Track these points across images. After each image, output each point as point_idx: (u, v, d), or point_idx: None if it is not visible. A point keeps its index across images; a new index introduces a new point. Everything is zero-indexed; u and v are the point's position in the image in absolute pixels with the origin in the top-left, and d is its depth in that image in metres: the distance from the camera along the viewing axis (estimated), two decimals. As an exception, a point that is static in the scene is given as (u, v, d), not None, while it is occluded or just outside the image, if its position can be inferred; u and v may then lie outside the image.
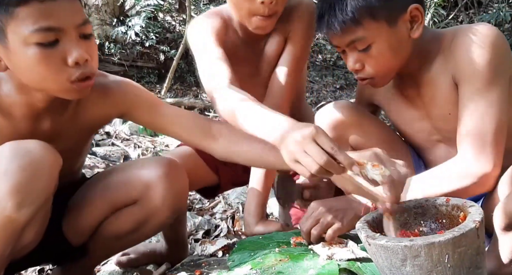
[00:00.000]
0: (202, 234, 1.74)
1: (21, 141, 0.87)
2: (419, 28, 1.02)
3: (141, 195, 1.05)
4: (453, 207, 0.83)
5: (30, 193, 0.84)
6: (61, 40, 0.86)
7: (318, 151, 0.77)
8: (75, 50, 0.87)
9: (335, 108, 1.18)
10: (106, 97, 1.04)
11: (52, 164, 0.87)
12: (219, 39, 1.17)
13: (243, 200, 2.05)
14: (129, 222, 1.08)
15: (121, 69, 4.66)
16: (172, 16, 5.28)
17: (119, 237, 1.10)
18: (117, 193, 1.07)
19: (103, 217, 1.09)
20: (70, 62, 0.87)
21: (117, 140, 3.51)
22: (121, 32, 4.42)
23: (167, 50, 4.70)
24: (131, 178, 1.06)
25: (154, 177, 1.04)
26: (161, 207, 1.05)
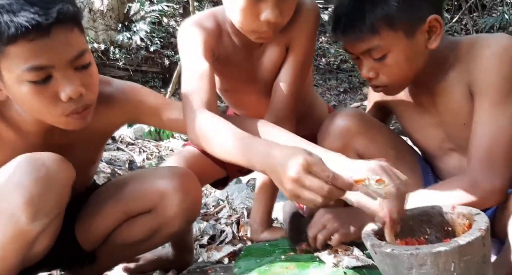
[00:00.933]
0: (207, 239, 1.74)
1: (36, 154, 0.88)
2: (437, 39, 1.00)
3: (155, 204, 1.05)
4: (459, 215, 0.83)
5: (44, 206, 0.85)
6: (54, 76, 0.85)
7: (318, 184, 0.76)
8: (68, 87, 0.85)
9: (342, 116, 1.17)
10: (112, 106, 1.04)
11: (66, 177, 0.88)
12: (210, 46, 1.10)
13: (248, 205, 2.06)
14: (142, 230, 1.08)
15: (126, 74, 4.69)
16: (176, 20, 5.31)
17: (130, 245, 1.11)
18: (132, 201, 1.07)
19: (117, 224, 1.10)
20: (63, 98, 0.86)
21: (122, 145, 3.52)
22: (126, 37, 4.45)
23: (171, 54, 4.72)
24: (146, 187, 1.07)
25: (169, 187, 1.04)
26: (175, 217, 1.05)
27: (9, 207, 0.84)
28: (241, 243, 1.66)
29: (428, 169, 1.21)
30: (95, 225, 1.10)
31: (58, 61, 0.84)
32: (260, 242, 1.20)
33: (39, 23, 0.79)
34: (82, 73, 0.88)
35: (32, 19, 0.79)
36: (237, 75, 1.21)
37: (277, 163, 0.80)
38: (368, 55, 1.01)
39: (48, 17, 0.80)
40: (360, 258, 0.92)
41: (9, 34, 0.79)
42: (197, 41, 1.08)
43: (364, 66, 1.04)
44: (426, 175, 1.18)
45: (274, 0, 0.98)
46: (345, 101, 6.05)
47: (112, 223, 1.09)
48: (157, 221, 1.06)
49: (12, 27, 0.79)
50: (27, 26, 0.79)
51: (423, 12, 0.99)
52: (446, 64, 1.06)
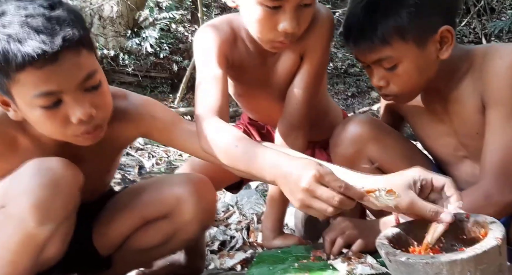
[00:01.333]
0: (218, 245, 1.75)
1: (43, 159, 0.90)
2: (448, 50, 1.00)
3: (171, 210, 1.07)
4: (474, 223, 0.82)
5: (51, 210, 0.86)
6: (64, 100, 0.87)
7: (329, 194, 0.77)
8: (78, 110, 0.87)
9: (354, 123, 1.17)
10: (126, 121, 1.06)
11: (72, 182, 0.90)
12: (224, 52, 1.11)
13: (257, 211, 2.06)
14: (158, 236, 1.10)
15: (135, 79, 4.72)
16: (184, 26, 5.34)
17: (146, 250, 1.12)
18: (148, 207, 1.09)
19: (133, 230, 1.11)
20: (73, 121, 0.88)
21: (131, 150, 3.54)
22: (135, 44, 4.49)
23: (180, 60, 4.75)
24: (163, 193, 1.08)
25: (185, 193, 1.06)
26: (190, 223, 1.07)
27: (17, 211, 0.86)
28: (251, 249, 1.67)
29: None
30: (112, 229, 1.11)
31: (67, 85, 0.86)
32: (272, 249, 1.20)
33: (45, 51, 0.81)
34: (93, 94, 0.90)
35: (39, 48, 0.80)
36: (251, 81, 1.22)
37: (288, 173, 0.81)
38: (379, 64, 1.02)
39: (54, 46, 0.81)
40: (374, 266, 0.92)
41: (17, 63, 0.81)
42: (212, 46, 1.09)
43: (375, 75, 1.04)
44: None
45: (292, 11, 0.99)
46: (353, 106, 6.03)
47: (129, 228, 1.11)
48: (173, 226, 1.08)
49: (19, 56, 0.80)
50: (33, 55, 0.80)
51: (434, 23, 0.99)
52: (459, 73, 1.05)
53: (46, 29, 0.82)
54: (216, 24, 1.15)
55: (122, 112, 1.05)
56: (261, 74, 1.21)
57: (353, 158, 1.15)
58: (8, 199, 0.88)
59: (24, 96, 0.85)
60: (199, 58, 1.11)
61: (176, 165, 3.62)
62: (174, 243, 1.12)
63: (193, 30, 5.25)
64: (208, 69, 1.07)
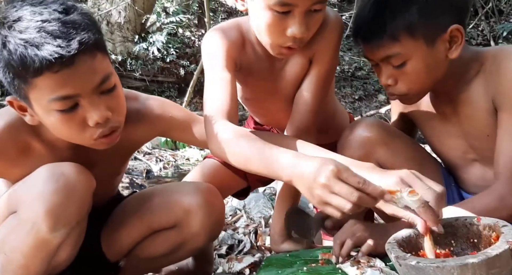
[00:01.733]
0: (226, 249, 1.74)
1: (57, 164, 0.90)
2: (458, 49, 1.00)
3: (180, 220, 1.06)
4: (485, 226, 0.81)
5: (64, 215, 0.87)
6: (80, 103, 0.87)
7: (348, 190, 0.75)
8: (94, 113, 0.87)
9: (363, 126, 1.16)
10: (141, 122, 1.07)
11: (86, 187, 0.90)
12: (232, 56, 1.10)
13: (265, 214, 2.05)
14: (165, 245, 1.10)
15: (142, 84, 4.76)
16: (191, 31, 5.37)
17: (153, 259, 1.12)
18: (156, 216, 1.09)
19: (141, 237, 1.11)
20: (90, 124, 0.89)
21: (139, 154, 3.57)
22: (143, 49, 4.52)
23: (187, 64, 4.78)
24: (171, 202, 1.08)
25: (193, 204, 1.05)
26: (199, 233, 1.07)
27: (31, 216, 0.86)
28: (259, 253, 1.66)
29: (451, 180, 1.20)
30: (120, 236, 1.12)
31: (84, 89, 0.86)
32: (280, 252, 1.20)
33: (62, 55, 0.81)
34: (108, 97, 0.90)
35: (55, 52, 0.81)
36: (259, 84, 1.22)
37: (306, 171, 0.80)
38: (388, 62, 1.01)
39: (70, 50, 0.82)
40: (383, 270, 0.91)
41: (34, 67, 0.81)
42: (220, 50, 1.08)
43: (383, 73, 1.03)
44: (449, 187, 1.17)
45: (302, 16, 0.98)
46: (360, 109, 6.02)
47: (137, 236, 1.11)
48: (181, 237, 1.08)
49: (37, 61, 0.81)
50: (50, 59, 0.81)
51: (444, 21, 0.98)
52: (469, 75, 1.05)
53: (62, 33, 0.83)
54: (224, 27, 1.15)
55: (136, 113, 1.06)
56: (269, 78, 1.20)
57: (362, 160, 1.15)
58: (21, 204, 0.88)
59: (41, 101, 0.86)
60: (207, 61, 1.10)
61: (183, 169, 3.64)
62: (182, 252, 1.11)
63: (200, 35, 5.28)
64: (216, 73, 1.06)
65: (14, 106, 0.91)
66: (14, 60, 0.82)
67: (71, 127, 0.89)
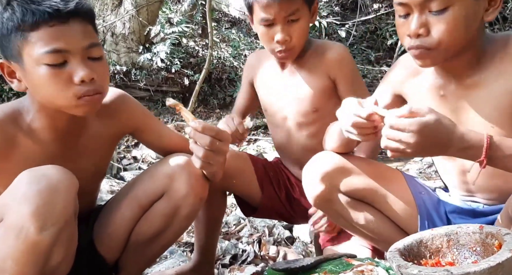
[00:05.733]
0: (229, 259, 1.74)
1: (38, 168, 0.92)
2: (494, 13, 0.97)
3: (166, 187, 1.11)
4: (487, 234, 0.81)
5: (51, 214, 0.88)
6: (69, 61, 0.95)
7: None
8: (81, 70, 0.95)
9: (317, 162, 1.19)
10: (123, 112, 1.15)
11: (69, 185, 0.92)
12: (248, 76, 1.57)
13: (269, 223, 2.05)
14: (159, 218, 1.12)
15: (147, 94, 4.78)
16: (195, 41, 5.41)
17: (151, 241, 1.13)
18: (142, 191, 1.13)
19: (134, 222, 1.13)
20: (76, 80, 0.95)
21: (143, 164, 3.57)
22: (147, 59, 4.56)
23: (191, 74, 4.80)
24: (154, 174, 1.13)
25: (176, 168, 1.10)
26: (188, 194, 1.10)
27: (17, 220, 0.86)
28: (263, 263, 1.65)
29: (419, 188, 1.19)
30: (113, 229, 1.14)
31: (74, 46, 0.95)
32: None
33: (59, 9, 0.92)
34: (95, 64, 0.98)
35: (54, 6, 0.92)
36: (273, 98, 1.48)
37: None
38: (427, 6, 0.94)
39: (67, 6, 0.93)
40: (386, 279, 0.91)
41: (33, 20, 0.91)
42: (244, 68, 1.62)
43: (417, 21, 0.95)
44: (418, 195, 1.16)
45: (281, 26, 1.32)
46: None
47: (130, 222, 1.13)
48: (172, 203, 1.10)
49: (37, 13, 0.91)
50: (49, 11, 0.91)
51: None
52: (484, 57, 1.01)
53: None
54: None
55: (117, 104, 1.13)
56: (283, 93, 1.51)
57: (327, 194, 1.17)
58: (6, 210, 0.89)
59: (34, 54, 0.93)
60: None
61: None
62: (177, 224, 1.13)
63: (204, 44, 5.32)
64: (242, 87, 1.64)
65: (3, 70, 0.99)
66: (16, 15, 0.92)
67: (58, 83, 0.94)
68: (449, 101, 1.07)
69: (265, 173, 1.49)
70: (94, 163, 1.12)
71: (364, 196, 1.17)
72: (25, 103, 1.03)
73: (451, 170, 1.13)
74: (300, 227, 1.92)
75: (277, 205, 1.50)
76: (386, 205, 1.17)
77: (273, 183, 1.49)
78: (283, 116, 1.48)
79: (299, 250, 1.79)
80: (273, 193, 1.49)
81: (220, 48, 5.33)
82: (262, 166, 1.51)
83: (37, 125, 1.02)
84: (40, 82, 0.95)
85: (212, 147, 1.00)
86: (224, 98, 5.00)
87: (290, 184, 1.53)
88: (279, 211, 1.52)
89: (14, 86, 1.00)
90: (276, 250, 1.81)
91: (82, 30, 0.96)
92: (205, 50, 5.14)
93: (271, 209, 1.51)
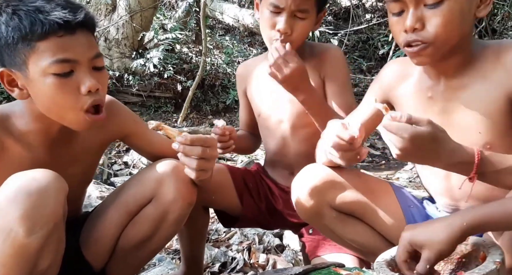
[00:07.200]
0: (219, 266, 1.73)
1: (27, 171, 0.91)
2: (486, 9, 0.97)
3: (154, 192, 1.10)
4: (473, 246, 0.82)
5: (39, 219, 0.87)
6: (76, 71, 0.95)
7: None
8: (88, 80, 0.95)
9: (307, 176, 1.18)
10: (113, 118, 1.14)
11: (58, 189, 0.91)
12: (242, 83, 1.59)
13: (259, 231, 2.04)
14: (147, 223, 1.11)
15: (139, 99, 4.77)
16: (189, 47, 5.43)
17: (139, 246, 1.12)
18: (131, 196, 1.12)
19: (121, 227, 1.12)
20: (83, 90, 0.95)
21: (134, 170, 3.55)
22: (140, 65, 4.55)
23: (184, 80, 4.81)
24: (142, 179, 1.13)
25: (164, 173, 1.10)
26: (176, 199, 1.09)
27: (6, 223, 0.86)
28: (252, 271, 1.65)
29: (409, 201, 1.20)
30: (100, 234, 1.13)
31: (81, 57, 0.95)
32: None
33: (68, 21, 0.93)
34: (98, 74, 0.99)
35: (64, 17, 0.93)
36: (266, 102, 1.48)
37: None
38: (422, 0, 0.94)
39: (76, 17, 0.95)
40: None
41: (42, 30, 0.91)
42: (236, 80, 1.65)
43: (412, 16, 0.95)
44: (407, 209, 1.17)
45: (287, 17, 1.32)
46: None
47: (117, 228, 1.13)
48: (159, 209, 1.10)
49: (46, 24, 0.91)
50: (59, 22, 0.92)
51: None
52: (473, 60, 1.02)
53: (69, 6, 0.96)
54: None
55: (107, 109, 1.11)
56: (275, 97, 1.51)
57: (316, 208, 1.17)
58: None
59: (41, 64, 0.93)
60: None
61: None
62: (165, 229, 1.12)
63: (197, 51, 5.33)
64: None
65: (3, 79, 0.97)
66: (23, 24, 0.92)
67: (64, 93, 0.95)
68: (437, 103, 1.07)
69: (244, 185, 1.49)
70: (83, 170, 1.12)
71: (353, 211, 1.17)
72: (16, 108, 1.03)
73: (435, 176, 1.13)
74: (290, 235, 1.92)
75: (258, 216, 1.49)
76: (375, 220, 1.17)
77: (252, 195, 1.48)
78: (278, 119, 1.47)
79: (289, 258, 1.79)
80: (253, 204, 1.47)
81: (213, 54, 5.35)
82: (241, 178, 1.50)
83: (28, 131, 1.01)
84: (46, 92, 0.94)
85: (204, 155, 1.01)
86: (217, 104, 5.01)
87: (272, 195, 1.52)
88: (260, 221, 1.52)
89: (15, 95, 0.98)
90: (265, 258, 1.80)
91: (88, 40, 0.97)
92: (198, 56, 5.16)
93: (252, 219, 1.51)
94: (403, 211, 1.16)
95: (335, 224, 1.18)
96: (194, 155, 1.00)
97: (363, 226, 1.19)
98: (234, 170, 1.52)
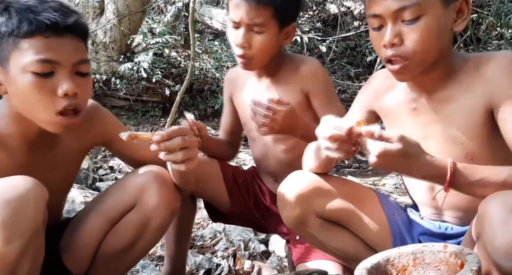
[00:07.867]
0: (203, 273, 1.72)
1: (6, 178, 0.90)
2: (463, 23, 0.99)
3: (136, 198, 1.09)
4: (451, 254, 0.83)
5: (18, 227, 0.86)
6: (56, 73, 0.94)
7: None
8: (67, 83, 0.94)
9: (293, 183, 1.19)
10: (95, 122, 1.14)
11: (38, 196, 0.90)
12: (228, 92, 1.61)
13: (245, 237, 2.04)
14: (129, 231, 1.10)
15: (126, 103, 4.73)
16: (177, 51, 5.41)
17: (121, 253, 1.10)
18: (112, 202, 1.11)
19: (103, 234, 1.11)
20: (60, 92, 0.94)
21: (120, 174, 3.52)
22: (128, 68, 4.53)
23: (172, 84, 4.79)
24: (124, 186, 1.12)
25: (146, 179, 1.09)
26: (158, 206, 1.08)
27: None
28: (237, 278, 1.64)
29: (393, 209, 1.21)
30: (81, 242, 1.12)
31: (65, 60, 0.95)
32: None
33: (57, 22, 0.93)
34: (81, 80, 0.98)
35: (53, 18, 0.93)
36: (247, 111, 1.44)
37: None
38: (400, 16, 0.96)
39: (66, 21, 0.94)
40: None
41: (28, 28, 0.92)
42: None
43: (390, 31, 0.97)
44: (391, 216, 1.18)
45: (244, 31, 1.34)
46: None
47: (98, 235, 1.11)
48: (142, 215, 1.09)
49: (33, 23, 0.92)
50: (47, 23, 0.92)
51: None
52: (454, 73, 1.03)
53: (62, 10, 0.96)
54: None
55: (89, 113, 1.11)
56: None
57: (302, 218, 1.18)
58: None
59: (22, 60, 0.92)
60: None
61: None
62: (148, 236, 1.11)
63: (186, 55, 5.32)
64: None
65: None
66: (12, 21, 0.92)
67: (40, 93, 0.93)
68: (421, 115, 1.09)
69: (234, 180, 1.51)
70: (64, 175, 1.11)
71: (338, 218, 1.18)
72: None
73: (420, 187, 1.15)
74: (276, 241, 1.92)
75: (246, 212, 1.51)
76: (360, 227, 1.18)
77: (241, 190, 1.50)
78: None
79: (274, 265, 1.79)
80: (241, 199, 1.50)
81: (202, 59, 5.34)
82: (231, 173, 1.52)
83: (6, 132, 1.00)
84: (22, 89, 0.94)
85: (185, 144, 0.98)
86: (205, 109, 4.99)
87: (261, 192, 1.54)
88: (248, 219, 1.52)
89: None
90: (251, 264, 1.80)
91: (74, 45, 0.97)
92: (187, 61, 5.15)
93: (240, 216, 1.52)
94: (387, 219, 1.18)
95: (319, 232, 1.19)
96: (176, 147, 0.98)
97: (347, 234, 1.20)
98: (225, 165, 1.54)
